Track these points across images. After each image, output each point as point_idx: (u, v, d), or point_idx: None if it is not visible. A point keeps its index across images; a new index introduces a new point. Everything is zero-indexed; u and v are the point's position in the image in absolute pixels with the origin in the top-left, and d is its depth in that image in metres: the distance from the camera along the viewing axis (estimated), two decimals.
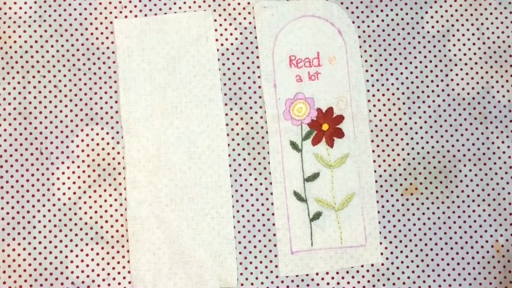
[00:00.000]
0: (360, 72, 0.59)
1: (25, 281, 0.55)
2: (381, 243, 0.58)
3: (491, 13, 0.60)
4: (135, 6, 0.59)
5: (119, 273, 0.56)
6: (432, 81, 0.59)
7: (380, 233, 0.58)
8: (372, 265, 0.58)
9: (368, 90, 0.59)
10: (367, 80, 0.59)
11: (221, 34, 0.59)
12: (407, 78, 0.59)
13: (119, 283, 0.56)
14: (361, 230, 0.58)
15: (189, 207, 0.57)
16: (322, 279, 0.57)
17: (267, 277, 0.57)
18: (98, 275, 0.56)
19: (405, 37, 0.60)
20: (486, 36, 0.60)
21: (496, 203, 0.58)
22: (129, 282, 0.56)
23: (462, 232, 0.58)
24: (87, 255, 0.56)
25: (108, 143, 0.57)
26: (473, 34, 0.60)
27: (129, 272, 0.56)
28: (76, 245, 0.56)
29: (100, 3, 0.58)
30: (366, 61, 0.59)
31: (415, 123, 0.59)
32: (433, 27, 0.60)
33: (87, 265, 0.56)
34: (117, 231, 0.56)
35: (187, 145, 0.57)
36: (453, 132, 0.59)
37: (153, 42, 0.58)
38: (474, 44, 0.60)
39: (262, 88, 0.58)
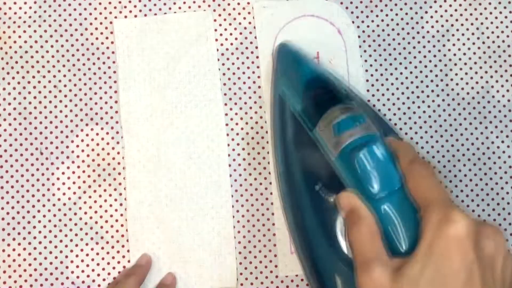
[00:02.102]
0: (359, 72, 0.59)
1: (25, 281, 0.56)
2: None
3: (490, 13, 0.60)
4: (135, 6, 0.59)
5: (119, 272, 0.56)
6: (431, 80, 0.59)
7: None
8: None
9: (368, 90, 0.59)
10: (367, 80, 0.59)
11: (221, 34, 0.59)
12: (406, 78, 0.59)
13: None
14: None
15: (188, 207, 0.57)
16: None
17: (266, 277, 0.57)
18: (98, 274, 0.56)
19: (404, 37, 0.60)
20: (485, 36, 0.60)
21: (495, 203, 0.58)
22: None
23: None
24: (87, 255, 0.56)
25: (108, 143, 0.57)
26: (472, 34, 0.60)
27: None
28: (76, 245, 0.56)
29: (100, 3, 0.58)
30: (365, 61, 0.59)
31: (415, 122, 0.59)
32: (432, 26, 0.60)
33: (87, 265, 0.56)
34: (117, 231, 0.56)
35: (187, 145, 0.57)
36: (452, 132, 0.59)
37: (153, 42, 0.58)
38: (473, 43, 0.60)
39: (262, 88, 0.58)
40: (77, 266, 0.56)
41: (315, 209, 0.53)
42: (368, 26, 0.59)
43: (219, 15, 0.59)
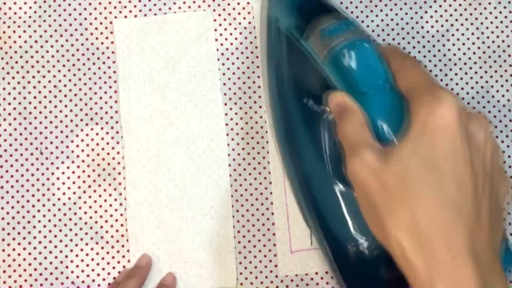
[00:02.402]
0: None
1: (25, 280, 0.56)
2: None
3: (490, 13, 0.60)
4: (135, 6, 0.59)
5: (119, 272, 0.56)
6: None
7: None
8: None
9: None
10: None
11: (221, 34, 0.59)
12: None
13: None
14: None
15: (188, 207, 0.57)
16: (322, 278, 0.57)
17: (266, 277, 0.57)
18: (98, 274, 0.56)
19: (404, 37, 0.60)
20: (485, 36, 0.60)
21: None
22: None
23: None
24: (87, 254, 0.56)
25: (108, 143, 0.57)
26: (472, 34, 0.60)
27: None
28: (76, 245, 0.56)
29: (100, 3, 0.59)
30: None
31: None
32: (432, 26, 0.60)
33: (87, 265, 0.56)
34: (117, 231, 0.57)
35: (187, 145, 0.57)
36: None
37: (153, 42, 0.58)
38: (473, 43, 0.60)
39: (262, 88, 0.58)
40: (77, 266, 0.56)
41: (304, 123, 0.53)
42: (368, 26, 0.59)
43: (219, 15, 0.59)
